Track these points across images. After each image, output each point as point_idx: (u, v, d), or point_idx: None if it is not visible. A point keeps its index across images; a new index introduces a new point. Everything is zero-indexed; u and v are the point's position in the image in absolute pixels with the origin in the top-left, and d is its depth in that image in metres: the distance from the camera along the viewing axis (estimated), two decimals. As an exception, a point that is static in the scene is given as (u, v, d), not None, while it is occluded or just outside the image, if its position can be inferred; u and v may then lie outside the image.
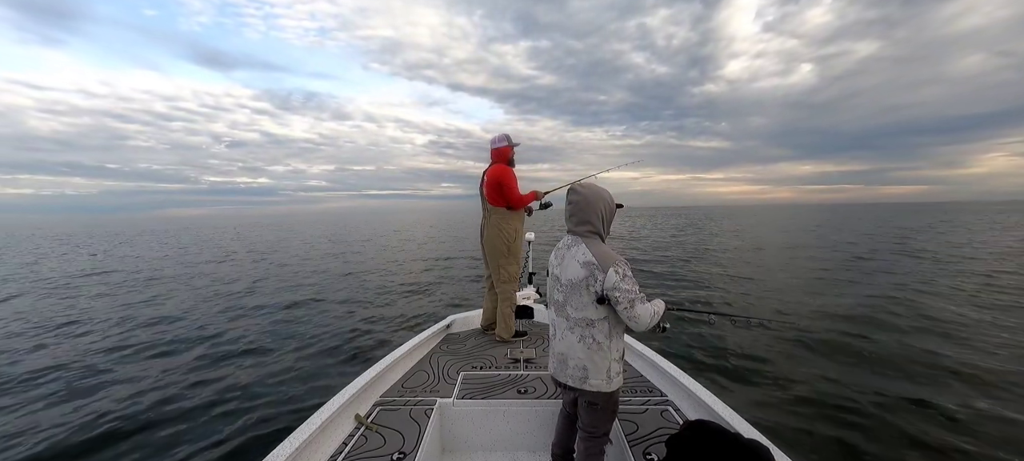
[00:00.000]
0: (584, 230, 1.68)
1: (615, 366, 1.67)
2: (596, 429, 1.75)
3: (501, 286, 3.44)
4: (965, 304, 7.04)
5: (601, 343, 1.64)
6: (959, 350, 4.91)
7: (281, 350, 5.28)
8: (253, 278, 11.10)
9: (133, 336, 5.97)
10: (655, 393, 2.49)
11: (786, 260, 13.00)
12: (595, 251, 1.62)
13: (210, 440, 3.29)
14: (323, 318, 6.88)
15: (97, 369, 4.71)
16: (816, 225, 31.55)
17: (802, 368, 4.50)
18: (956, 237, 19.61)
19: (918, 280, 9.20)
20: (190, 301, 8.34)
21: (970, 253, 13.71)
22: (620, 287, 1.56)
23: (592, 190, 1.71)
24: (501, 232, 3.38)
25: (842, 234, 22.38)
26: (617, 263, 1.58)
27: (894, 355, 4.83)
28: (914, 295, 7.68)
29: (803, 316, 6.45)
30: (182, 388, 4.19)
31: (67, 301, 8.55)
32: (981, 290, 8.06)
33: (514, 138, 3.38)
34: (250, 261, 15.17)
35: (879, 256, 13.33)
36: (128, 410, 3.74)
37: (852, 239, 19.41)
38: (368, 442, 2.00)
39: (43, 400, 3.98)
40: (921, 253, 13.85)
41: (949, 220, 35.65)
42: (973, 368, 4.38)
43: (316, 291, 9.16)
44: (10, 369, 4.71)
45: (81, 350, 5.38)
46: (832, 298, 7.61)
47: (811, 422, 3.47)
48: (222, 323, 6.61)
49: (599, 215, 1.67)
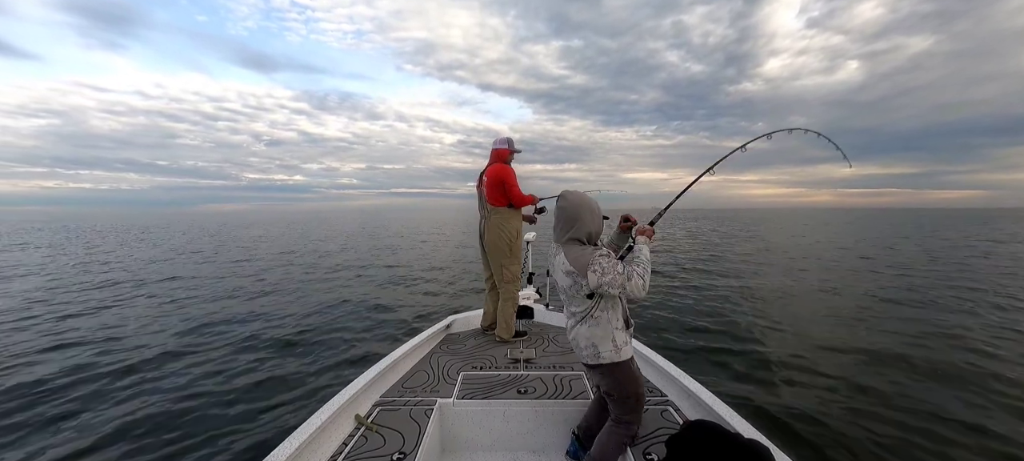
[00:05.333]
0: (565, 238, 1.78)
1: (619, 335, 1.78)
2: (619, 416, 1.87)
3: (504, 286, 3.44)
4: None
5: (598, 318, 1.76)
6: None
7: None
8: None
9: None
10: (655, 393, 2.50)
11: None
12: (572, 257, 1.73)
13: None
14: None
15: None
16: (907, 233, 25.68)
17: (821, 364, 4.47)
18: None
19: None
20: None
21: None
22: (602, 282, 1.64)
23: (581, 199, 1.80)
24: (502, 232, 3.38)
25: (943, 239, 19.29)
26: (592, 263, 1.66)
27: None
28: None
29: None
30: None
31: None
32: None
33: (516, 144, 3.44)
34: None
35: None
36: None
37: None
38: (368, 442, 2.00)
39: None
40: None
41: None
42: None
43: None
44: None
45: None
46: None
47: (813, 421, 3.46)
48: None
49: (582, 224, 1.76)
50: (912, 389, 4.04)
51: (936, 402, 3.77)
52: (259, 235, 27.80)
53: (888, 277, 10.25)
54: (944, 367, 4.54)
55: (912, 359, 4.74)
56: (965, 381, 4.19)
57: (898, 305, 7.35)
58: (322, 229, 35.17)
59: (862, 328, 5.99)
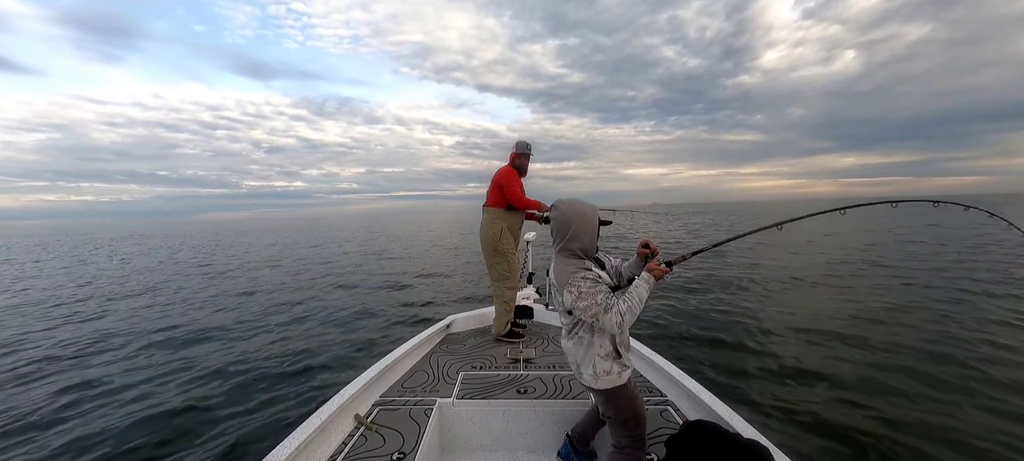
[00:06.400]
0: (559, 247, 1.74)
1: (601, 363, 1.68)
2: (619, 440, 1.77)
3: (493, 283, 3.52)
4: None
5: (582, 337, 1.72)
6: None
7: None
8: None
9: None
10: (654, 393, 2.49)
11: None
12: (558, 270, 1.69)
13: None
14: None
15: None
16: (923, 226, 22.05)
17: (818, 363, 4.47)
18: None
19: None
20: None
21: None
22: (577, 306, 1.60)
23: (571, 207, 1.71)
24: (487, 231, 3.45)
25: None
26: (570, 284, 1.60)
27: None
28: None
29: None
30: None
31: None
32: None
33: (531, 147, 3.48)
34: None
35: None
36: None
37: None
38: (368, 442, 2.00)
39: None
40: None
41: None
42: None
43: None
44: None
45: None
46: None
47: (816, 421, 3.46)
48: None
49: (574, 233, 1.68)
50: (915, 389, 4.02)
51: (939, 403, 3.76)
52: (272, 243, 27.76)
53: (895, 272, 10.07)
54: (948, 369, 4.51)
55: (915, 360, 4.72)
56: (968, 382, 4.18)
57: (907, 306, 7.31)
58: (323, 233, 35.38)
59: (863, 325, 5.96)
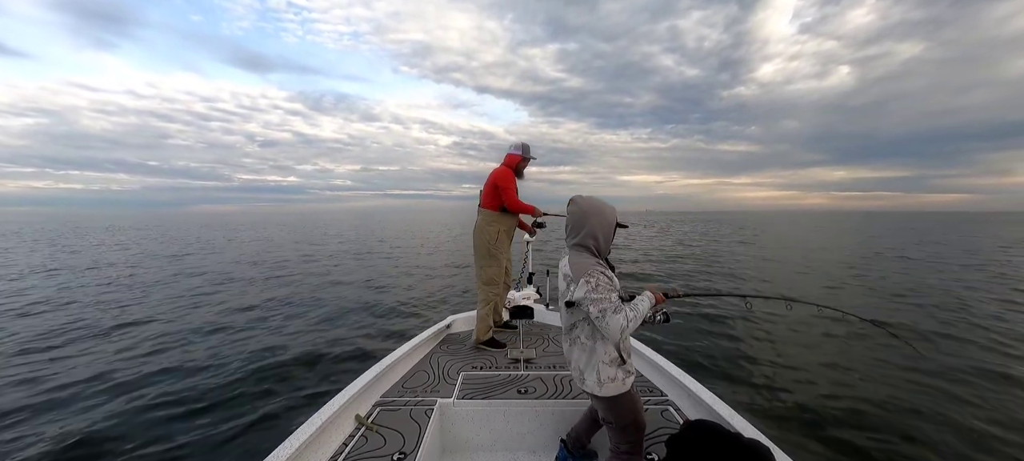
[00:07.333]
0: (573, 242, 1.72)
1: (606, 369, 1.65)
2: (618, 446, 1.76)
3: (479, 287, 3.41)
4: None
5: (585, 344, 1.69)
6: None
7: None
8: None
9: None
10: (655, 393, 2.50)
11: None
12: (574, 262, 1.67)
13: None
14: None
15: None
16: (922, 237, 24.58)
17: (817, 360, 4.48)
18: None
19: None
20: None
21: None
22: (590, 296, 1.56)
23: (590, 204, 1.70)
24: (483, 233, 3.38)
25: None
26: (589, 274, 1.59)
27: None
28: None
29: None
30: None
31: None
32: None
33: (532, 150, 3.40)
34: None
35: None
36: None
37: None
38: (368, 442, 2.00)
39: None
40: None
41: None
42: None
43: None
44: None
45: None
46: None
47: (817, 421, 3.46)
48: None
49: (590, 230, 1.67)
50: (916, 391, 4.03)
51: (940, 406, 3.76)
52: (265, 236, 27.85)
53: (891, 280, 10.22)
54: (951, 371, 4.52)
55: (917, 359, 4.73)
56: (972, 382, 4.19)
57: (907, 307, 7.34)
58: (317, 230, 35.44)
59: (863, 324, 5.97)
